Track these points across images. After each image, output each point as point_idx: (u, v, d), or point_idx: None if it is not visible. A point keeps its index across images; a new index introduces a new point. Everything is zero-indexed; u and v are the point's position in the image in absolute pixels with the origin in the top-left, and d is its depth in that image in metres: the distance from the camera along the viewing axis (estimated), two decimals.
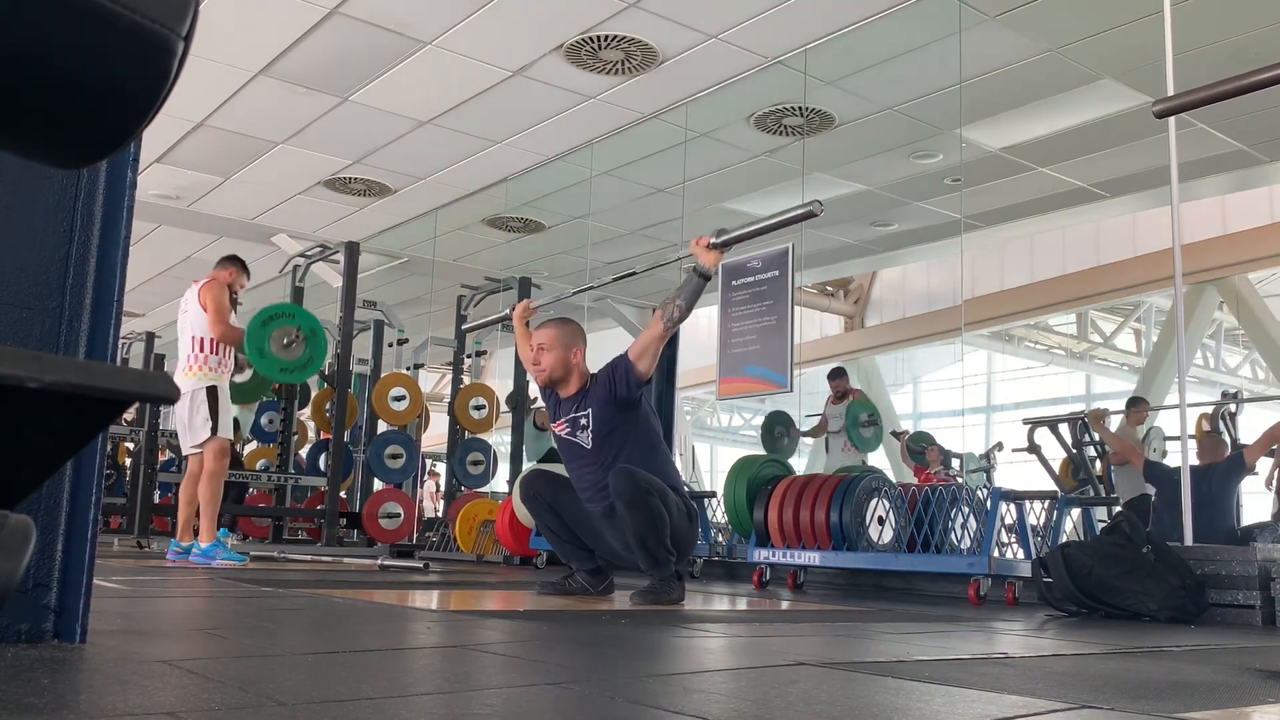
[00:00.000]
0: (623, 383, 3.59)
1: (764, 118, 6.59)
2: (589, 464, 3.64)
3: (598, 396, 3.63)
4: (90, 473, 1.74)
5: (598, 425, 3.61)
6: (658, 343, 3.60)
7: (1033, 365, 15.82)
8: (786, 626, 3.00)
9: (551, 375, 3.68)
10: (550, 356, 3.67)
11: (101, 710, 1.16)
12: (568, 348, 3.68)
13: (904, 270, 12.92)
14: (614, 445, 3.60)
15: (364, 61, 5.85)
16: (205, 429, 5.30)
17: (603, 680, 1.64)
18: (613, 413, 3.60)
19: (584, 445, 3.64)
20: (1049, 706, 1.45)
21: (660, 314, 3.59)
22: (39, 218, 1.73)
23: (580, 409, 3.66)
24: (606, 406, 3.60)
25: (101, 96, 0.55)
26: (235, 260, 5.68)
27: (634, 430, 3.63)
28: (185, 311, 5.50)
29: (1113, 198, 7.92)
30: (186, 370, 5.38)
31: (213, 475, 5.31)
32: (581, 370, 3.73)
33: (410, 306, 10.82)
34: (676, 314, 3.57)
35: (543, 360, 3.68)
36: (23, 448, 0.58)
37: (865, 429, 8.16)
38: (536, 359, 3.71)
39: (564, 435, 3.72)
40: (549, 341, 3.67)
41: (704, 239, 3.54)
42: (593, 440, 3.61)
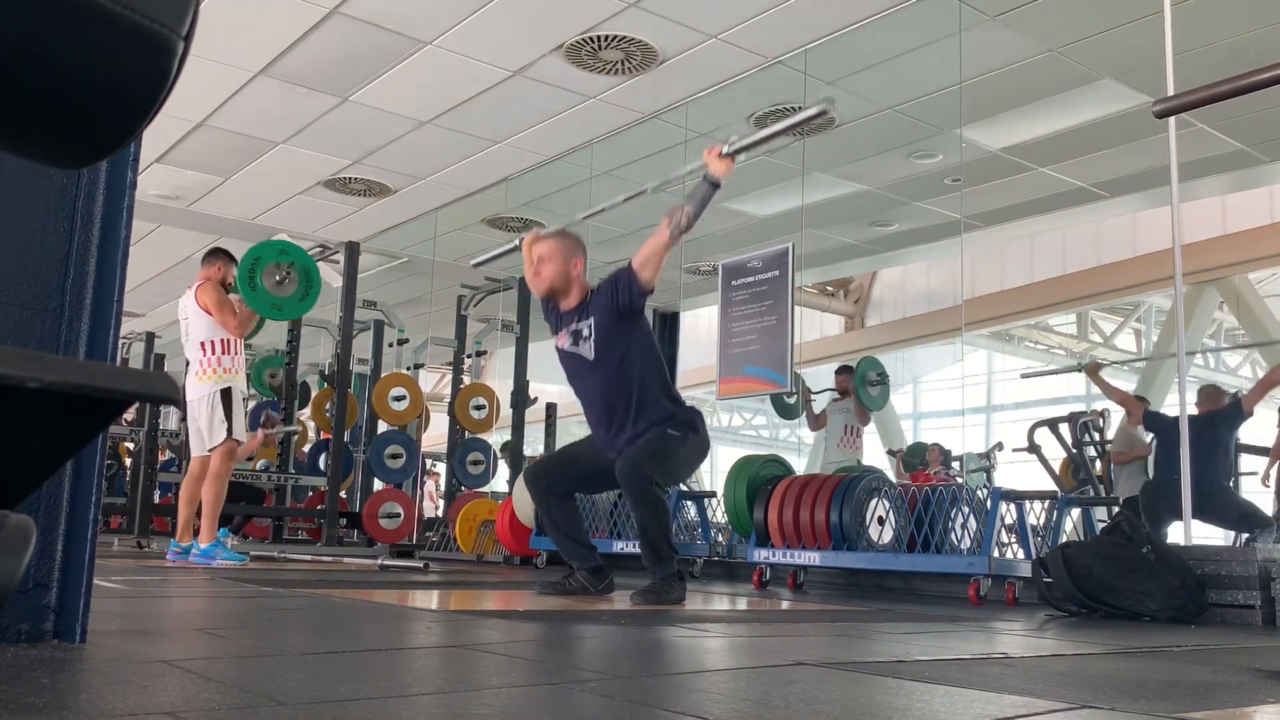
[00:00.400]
0: (625, 291, 3.56)
1: (764, 118, 6.58)
2: (591, 375, 3.62)
3: (600, 306, 3.61)
4: (90, 473, 1.74)
5: (599, 335, 3.58)
6: (662, 251, 3.56)
7: (1033, 365, 15.82)
8: (786, 626, 3.00)
9: (552, 285, 3.67)
10: (550, 267, 3.65)
11: (101, 710, 1.16)
12: (568, 259, 3.66)
13: (904, 270, 12.92)
14: (615, 355, 3.57)
15: (364, 61, 5.85)
16: (221, 430, 5.30)
17: (602, 680, 1.64)
18: (614, 322, 3.58)
19: (586, 356, 3.61)
20: (1049, 706, 1.45)
21: (667, 221, 3.54)
22: (39, 218, 1.73)
23: (581, 319, 3.63)
24: (608, 316, 3.58)
25: (101, 96, 0.56)
26: (220, 253, 5.65)
27: (635, 340, 3.60)
28: (186, 319, 5.49)
29: (1113, 198, 7.92)
30: (199, 375, 5.37)
31: (218, 476, 5.31)
32: (582, 282, 3.71)
33: (410, 306, 10.82)
34: (684, 221, 3.52)
35: (543, 271, 3.66)
36: (23, 448, 0.58)
37: (873, 387, 8.10)
38: (537, 270, 3.68)
39: (566, 348, 3.69)
40: (549, 252, 3.66)
41: (716, 148, 3.52)
42: (595, 350, 3.59)
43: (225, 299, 5.43)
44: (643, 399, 3.58)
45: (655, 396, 3.61)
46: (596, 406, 3.65)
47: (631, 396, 3.57)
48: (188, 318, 5.47)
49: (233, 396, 5.37)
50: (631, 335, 3.60)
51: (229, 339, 5.42)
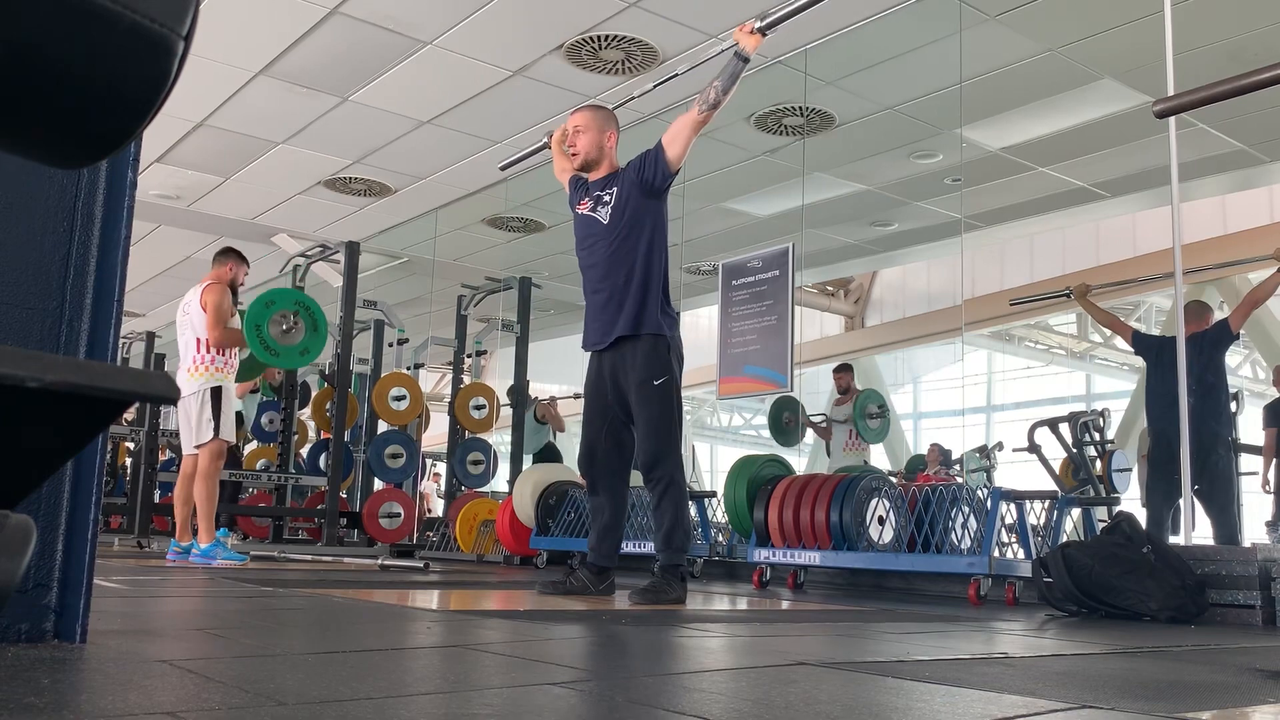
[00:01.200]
0: (651, 166, 3.64)
1: (764, 118, 6.58)
2: (601, 240, 3.67)
3: (627, 179, 3.68)
4: (90, 473, 1.74)
5: (618, 203, 3.65)
6: (693, 128, 3.65)
7: (1033, 365, 15.82)
8: (786, 626, 3.00)
9: (586, 156, 3.75)
10: (585, 138, 3.73)
11: (101, 710, 1.16)
12: (602, 130, 3.76)
13: (904, 270, 12.92)
14: (628, 226, 3.63)
15: (364, 61, 5.85)
16: (208, 429, 5.30)
17: (603, 680, 1.64)
18: (636, 195, 3.64)
19: (600, 220, 3.68)
20: (1049, 706, 1.45)
21: (699, 99, 3.61)
22: (39, 218, 1.73)
23: (606, 188, 3.71)
24: (633, 189, 3.65)
25: (101, 96, 0.56)
26: (233, 253, 5.67)
27: (650, 220, 3.65)
28: (186, 313, 5.49)
29: (1113, 198, 7.92)
30: (191, 371, 5.38)
31: (207, 475, 5.30)
32: (612, 158, 3.80)
33: (410, 306, 10.82)
34: (714, 95, 3.59)
35: (578, 142, 3.74)
36: (23, 448, 0.58)
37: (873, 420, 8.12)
38: (571, 141, 3.77)
39: (584, 212, 3.76)
40: (584, 123, 3.75)
41: (749, 24, 3.57)
42: (610, 216, 3.65)
43: (223, 309, 5.42)
44: (643, 283, 3.62)
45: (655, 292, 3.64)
46: (597, 273, 3.69)
47: (633, 274, 3.62)
48: (188, 313, 5.48)
49: (222, 396, 5.37)
50: (648, 214, 3.66)
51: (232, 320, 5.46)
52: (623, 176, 3.71)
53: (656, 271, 3.66)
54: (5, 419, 0.55)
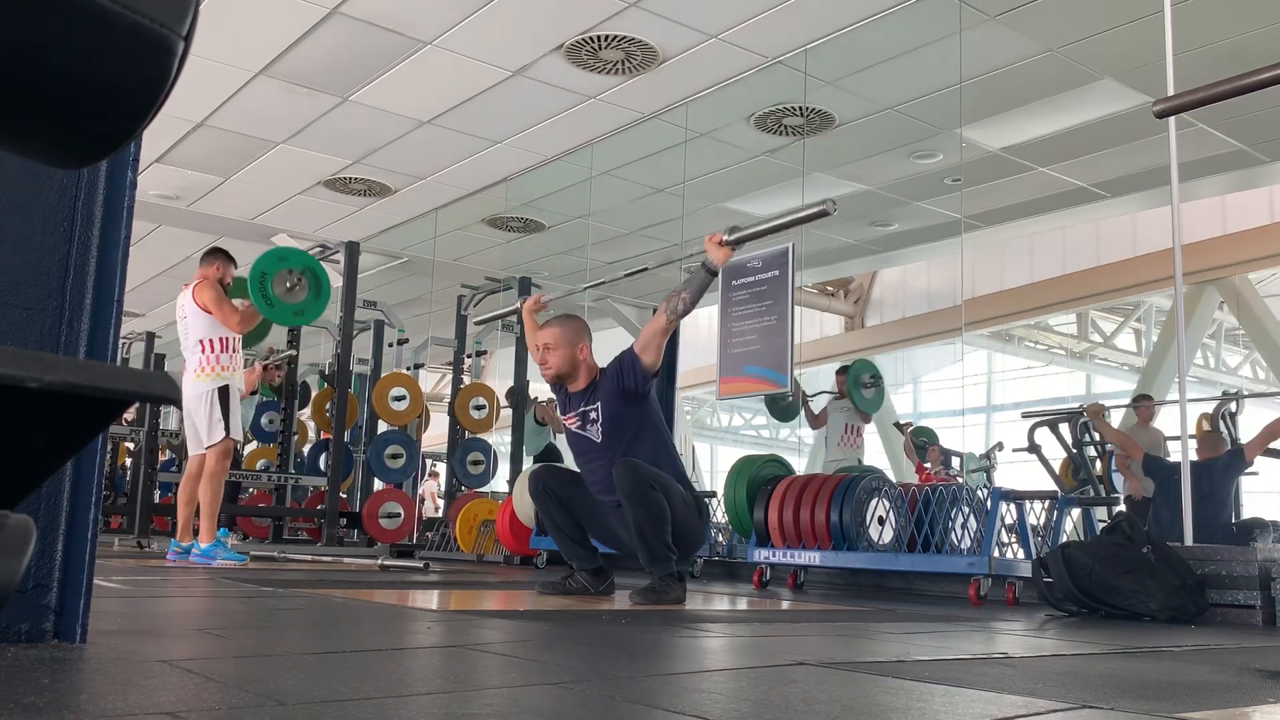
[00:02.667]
0: (629, 375, 3.62)
1: (764, 118, 6.58)
2: (599, 458, 3.66)
3: (607, 390, 3.66)
4: (90, 473, 1.74)
5: (607, 419, 3.64)
6: (661, 336, 3.64)
7: (1033, 365, 15.82)
8: (786, 626, 3.00)
9: (559, 372, 3.73)
10: (556, 355, 3.71)
11: (101, 710, 1.16)
12: (573, 344, 3.73)
13: (904, 270, 12.92)
14: (623, 439, 3.62)
15: (364, 61, 5.84)
16: (219, 429, 5.30)
17: (603, 680, 1.64)
18: (621, 406, 3.64)
19: (594, 439, 3.67)
20: (1049, 706, 1.45)
21: (664, 307, 3.63)
22: (39, 218, 1.73)
23: (589, 403, 3.69)
24: (615, 400, 3.64)
25: (101, 96, 0.55)
26: (220, 253, 5.65)
27: (643, 423, 3.66)
28: (184, 317, 5.48)
29: (1113, 198, 7.92)
30: (197, 373, 5.37)
31: (213, 476, 5.31)
32: (590, 365, 3.77)
33: (410, 306, 10.82)
34: (681, 307, 3.62)
35: (549, 359, 3.72)
36: (23, 448, 0.58)
37: (866, 389, 8.09)
38: (543, 359, 3.75)
39: (574, 429, 3.75)
40: (554, 340, 3.72)
41: (717, 235, 3.59)
42: (602, 434, 3.65)
43: (224, 297, 5.43)
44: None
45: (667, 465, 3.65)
46: (600, 486, 3.69)
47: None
48: (185, 316, 5.47)
49: (230, 395, 5.37)
50: (638, 420, 3.66)
51: (227, 338, 5.41)
52: (603, 388, 3.68)
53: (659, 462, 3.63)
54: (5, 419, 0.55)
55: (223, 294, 5.43)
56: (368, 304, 8.94)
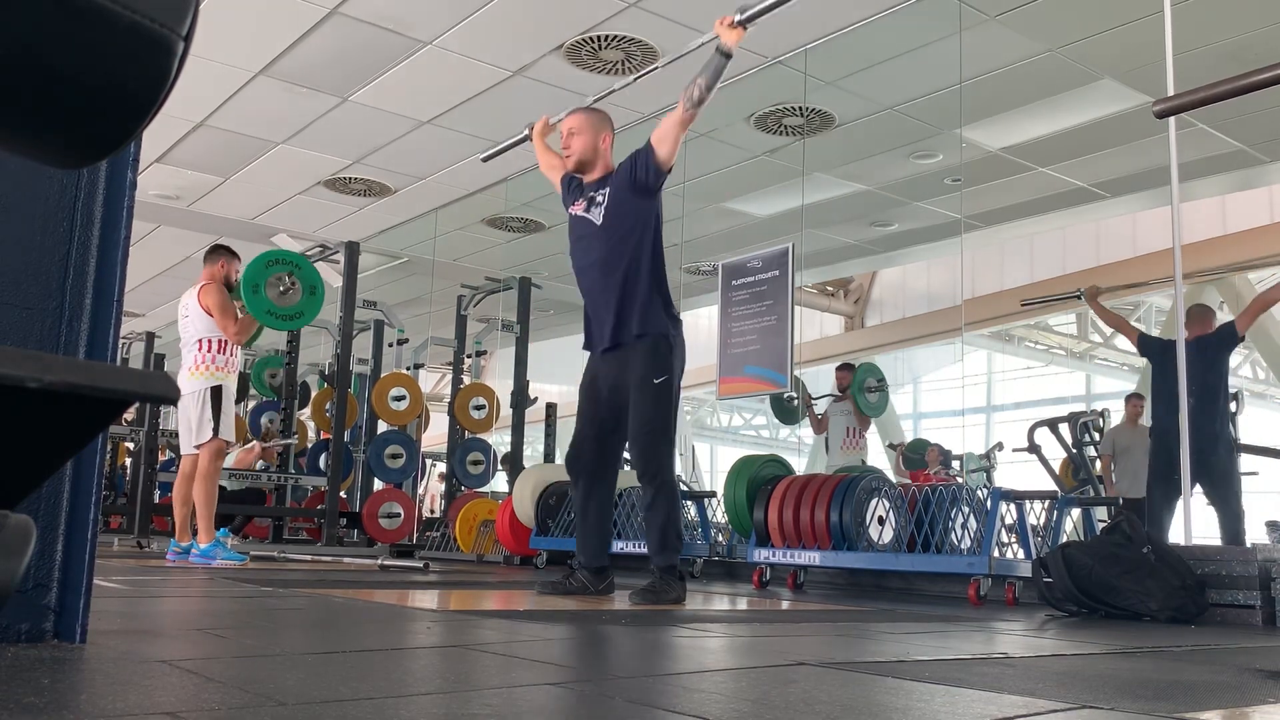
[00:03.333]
0: (643, 166, 3.64)
1: (764, 118, 6.58)
2: (595, 240, 3.68)
3: (618, 179, 3.70)
4: (90, 473, 1.73)
5: (612, 204, 3.66)
6: (680, 127, 3.62)
7: (1033, 365, 15.83)
8: (786, 626, 3.00)
9: (581, 158, 3.77)
10: (580, 140, 3.76)
11: (101, 710, 1.16)
12: (597, 132, 3.78)
13: (904, 270, 12.92)
14: (622, 226, 3.64)
15: (364, 61, 5.85)
16: (208, 429, 5.29)
17: (603, 680, 1.64)
18: (629, 195, 3.65)
19: (594, 221, 3.69)
20: (1049, 706, 1.45)
21: (683, 97, 3.59)
22: (39, 218, 1.73)
23: (600, 189, 3.72)
24: (624, 189, 3.66)
25: (101, 96, 0.55)
26: (223, 250, 5.63)
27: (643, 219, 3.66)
28: (186, 316, 5.48)
29: (1113, 198, 7.92)
30: (192, 370, 5.37)
31: (206, 476, 5.29)
32: (608, 158, 3.81)
33: (410, 306, 10.82)
34: (697, 94, 3.57)
35: (572, 144, 3.77)
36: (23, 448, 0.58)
37: (871, 393, 8.09)
38: (566, 144, 3.78)
39: (578, 213, 3.77)
40: (579, 125, 3.78)
41: (727, 18, 3.57)
42: (603, 216, 3.67)
43: (228, 303, 5.41)
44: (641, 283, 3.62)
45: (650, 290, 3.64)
46: (593, 273, 3.69)
47: (630, 275, 3.62)
48: (188, 315, 5.46)
49: (223, 395, 5.36)
50: (642, 214, 3.66)
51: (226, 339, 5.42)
52: (615, 177, 3.72)
53: (655, 271, 3.66)
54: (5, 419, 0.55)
55: (227, 301, 5.41)
56: (368, 304, 8.94)
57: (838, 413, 8.24)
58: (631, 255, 3.62)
